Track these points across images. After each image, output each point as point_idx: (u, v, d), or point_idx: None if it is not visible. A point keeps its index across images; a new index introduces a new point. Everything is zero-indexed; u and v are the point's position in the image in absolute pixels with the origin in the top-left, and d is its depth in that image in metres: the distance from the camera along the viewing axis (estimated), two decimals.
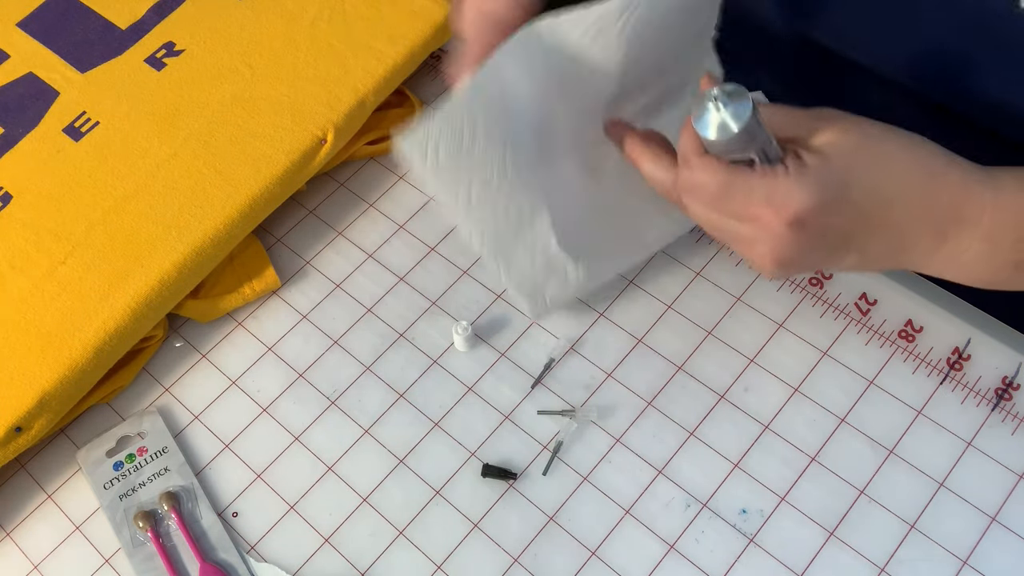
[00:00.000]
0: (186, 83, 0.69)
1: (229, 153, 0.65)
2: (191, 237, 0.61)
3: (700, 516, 0.54)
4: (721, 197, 0.47)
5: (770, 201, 0.46)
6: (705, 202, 0.48)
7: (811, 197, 0.45)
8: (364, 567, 0.54)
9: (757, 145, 0.46)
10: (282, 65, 0.69)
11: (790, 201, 0.45)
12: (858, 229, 0.47)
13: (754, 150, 0.46)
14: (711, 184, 0.47)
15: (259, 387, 0.61)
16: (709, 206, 0.48)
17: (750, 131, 0.45)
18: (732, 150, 0.46)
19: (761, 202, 0.46)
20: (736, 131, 0.45)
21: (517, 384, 0.59)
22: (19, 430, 0.56)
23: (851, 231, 0.47)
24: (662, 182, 0.51)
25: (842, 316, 0.60)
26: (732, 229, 0.48)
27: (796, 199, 0.45)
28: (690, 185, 0.47)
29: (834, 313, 0.60)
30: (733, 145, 0.46)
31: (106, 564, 0.56)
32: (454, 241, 0.66)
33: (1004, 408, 0.56)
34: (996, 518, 0.52)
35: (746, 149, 0.46)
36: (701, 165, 0.47)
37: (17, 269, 0.61)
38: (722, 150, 0.46)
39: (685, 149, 0.48)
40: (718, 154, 0.47)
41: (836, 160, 0.46)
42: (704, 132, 0.45)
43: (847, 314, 0.60)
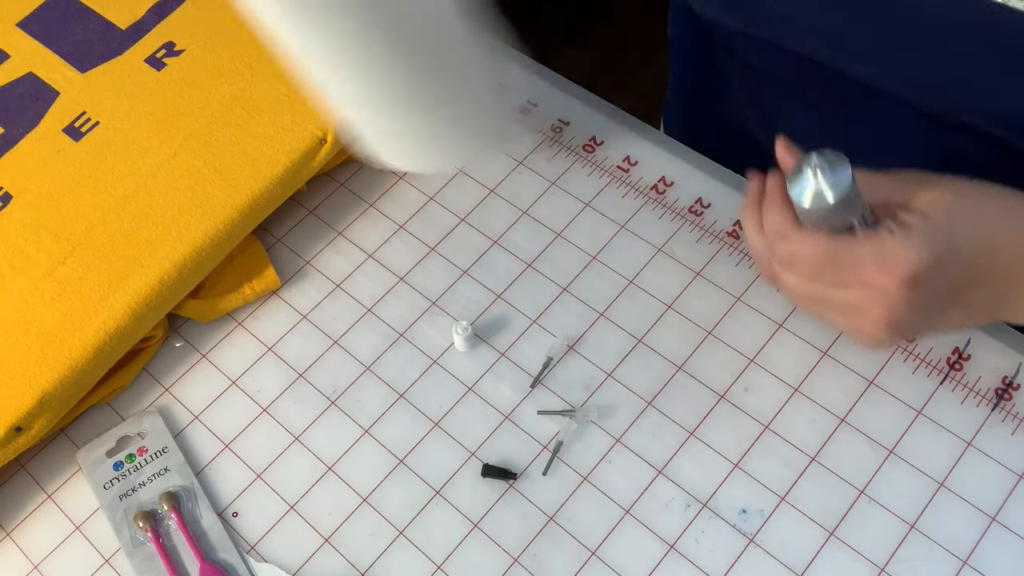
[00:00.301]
0: (186, 83, 0.69)
1: (229, 153, 0.65)
2: (191, 237, 0.61)
3: (700, 516, 0.54)
4: (827, 267, 0.47)
5: (881, 263, 0.46)
6: (808, 274, 0.47)
7: (923, 254, 0.46)
8: (364, 567, 0.54)
9: (857, 212, 0.46)
10: (282, 65, 0.69)
11: (902, 260, 0.45)
12: (966, 283, 0.47)
13: (855, 217, 0.46)
14: (813, 255, 0.46)
15: (259, 387, 0.61)
16: (811, 277, 0.48)
17: (850, 199, 0.45)
18: (832, 219, 0.46)
19: (871, 266, 0.46)
20: (839, 199, 0.45)
21: (517, 384, 0.59)
22: (19, 430, 0.56)
23: (960, 286, 0.47)
24: (758, 251, 0.51)
25: None
26: (839, 299, 0.48)
27: (908, 257, 0.45)
28: (790, 258, 0.47)
29: None
30: (834, 213, 0.46)
31: (106, 564, 0.56)
32: (454, 241, 0.66)
33: (1004, 408, 0.56)
34: (996, 518, 0.52)
35: (846, 217, 0.46)
36: (800, 237, 0.47)
37: (17, 269, 0.61)
38: (821, 219, 0.46)
39: (780, 221, 0.48)
40: (815, 223, 0.47)
41: (937, 217, 0.46)
42: (802, 201, 0.46)
43: None
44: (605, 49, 1.80)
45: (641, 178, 0.67)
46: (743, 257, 0.63)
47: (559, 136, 0.69)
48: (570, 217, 0.66)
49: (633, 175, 0.67)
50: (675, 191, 0.66)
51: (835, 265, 0.47)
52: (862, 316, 0.48)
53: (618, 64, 1.80)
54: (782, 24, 0.57)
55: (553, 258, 0.64)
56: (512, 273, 0.64)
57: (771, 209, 0.49)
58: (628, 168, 0.67)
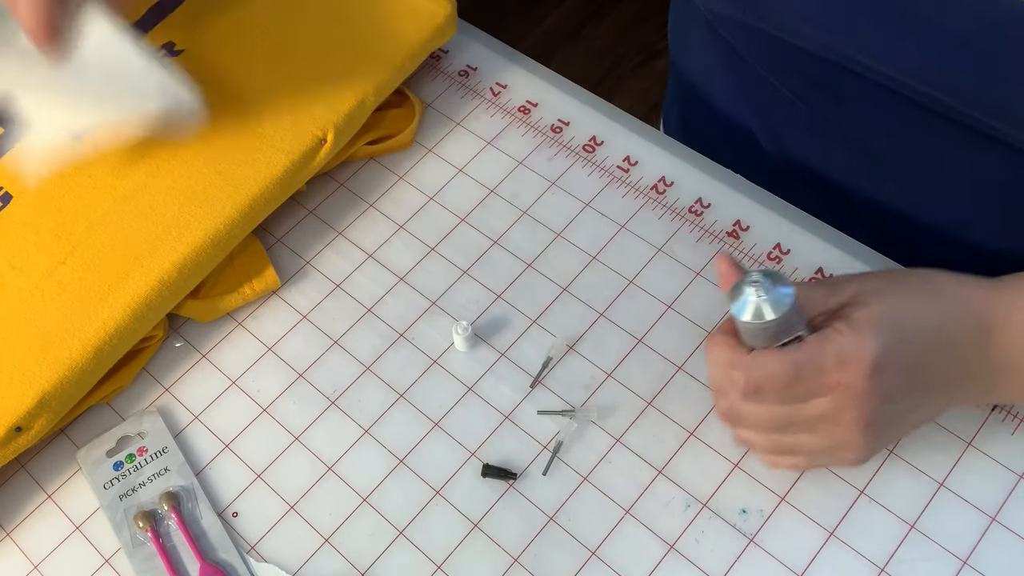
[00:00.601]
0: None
1: (229, 153, 0.65)
2: (191, 237, 0.61)
3: (700, 516, 0.54)
4: (793, 382, 0.47)
5: (843, 362, 0.46)
6: (777, 396, 0.47)
7: (876, 343, 0.46)
8: (364, 567, 0.54)
9: (801, 325, 0.47)
10: (282, 65, 0.69)
11: (862, 353, 0.46)
12: (920, 364, 0.48)
13: (801, 330, 0.47)
14: (781, 372, 0.46)
15: (259, 387, 0.61)
16: (780, 399, 0.47)
17: (793, 314, 0.46)
18: (779, 334, 0.46)
19: (835, 367, 0.46)
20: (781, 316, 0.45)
21: (517, 384, 0.59)
22: (19, 430, 0.56)
23: (920, 368, 0.48)
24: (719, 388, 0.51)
25: None
26: (808, 414, 0.48)
27: (866, 348, 0.46)
28: (756, 386, 0.47)
29: None
30: (779, 329, 0.46)
31: (106, 564, 0.56)
32: (454, 241, 0.66)
33: (1004, 408, 0.56)
34: (996, 518, 0.52)
35: (791, 331, 0.46)
36: (759, 359, 0.47)
37: (17, 269, 0.61)
38: (767, 337, 0.47)
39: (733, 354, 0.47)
40: (761, 342, 0.47)
41: (877, 306, 0.47)
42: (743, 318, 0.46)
43: None
44: (605, 49, 1.80)
45: (641, 178, 0.67)
46: (743, 257, 0.63)
47: (559, 136, 0.69)
48: (570, 217, 0.66)
49: (633, 175, 0.67)
50: (675, 191, 0.66)
51: (801, 376, 0.47)
52: (836, 424, 0.48)
53: (618, 64, 1.80)
54: (785, 13, 0.57)
55: (553, 258, 0.64)
56: (512, 273, 0.64)
57: (720, 344, 0.49)
58: (628, 168, 0.67)
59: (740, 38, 0.67)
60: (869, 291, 0.49)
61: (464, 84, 0.73)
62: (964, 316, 0.49)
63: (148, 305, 0.59)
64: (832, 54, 0.57)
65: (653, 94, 1.75)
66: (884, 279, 0.50)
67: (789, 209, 0.64)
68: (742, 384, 0.47)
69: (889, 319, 0.47)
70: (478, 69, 0.74)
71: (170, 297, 0.61)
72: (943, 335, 0.49)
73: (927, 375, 0.49)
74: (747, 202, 0.65)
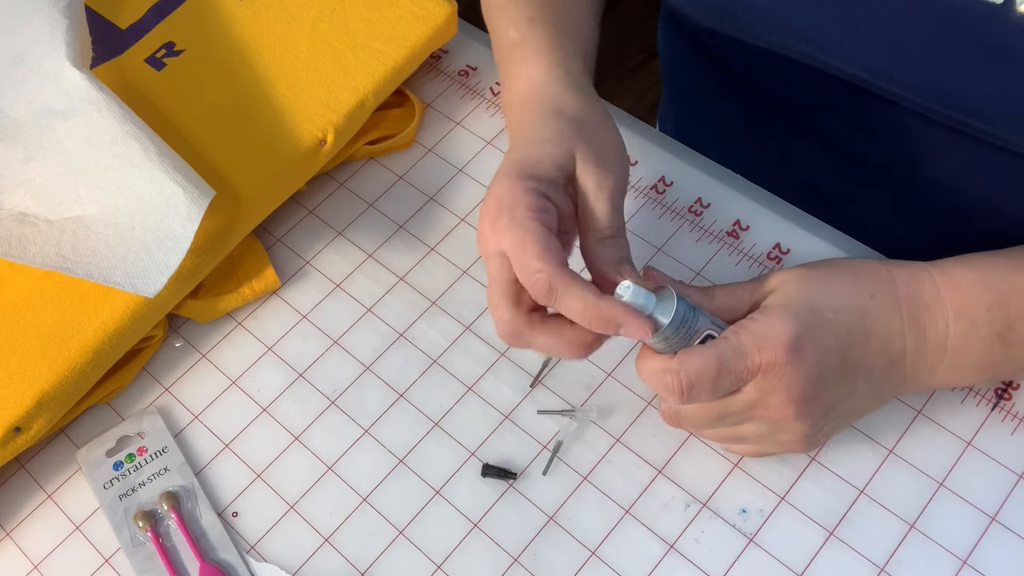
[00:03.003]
0: (186, 83, 0.69)
1: (229, 153, 0.65)
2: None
3: (700, 516, 0.54)
4: (721, 371, 0.47)
5: (761, 345, 0.47)
6: (709, 386, 0.47)
7: (790, 323, 0.47)
8: (364, 567, 0.54)
9: (705, 323, 0.48)
10: (282, 66, 0.69)
11: (777, 333, 0.47)
12: (848, 346, 0.49)
13: (707, 328, 0.48)
14: (705, 364, 0.47)
15: (259, 387, 0.61)
16: (714, 389, 0.48)
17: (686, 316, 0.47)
18: (685, 336, 0.47)
19: (755, 352, 0.47)
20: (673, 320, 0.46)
21: (517, 384, 0.59)
22: (18, 430, 0.56)
23: (843, 349, 0.48)
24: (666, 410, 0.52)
25: None
26: (741, 403, 0.49)
27: (780, 329, 0.47)
28: (688, 381, 0.47)
29: None
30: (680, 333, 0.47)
31: (106, 564, 0.56)
32: (454, 241, 0.66)
33: (1004, 408, 0.56)
34: (996, 518, 0.52)
35: (694, 331, 0.47)
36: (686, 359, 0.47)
37: (17, 269, 0.61)
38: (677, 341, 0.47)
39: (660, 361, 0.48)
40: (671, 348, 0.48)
41: (791, 293, 0.49)
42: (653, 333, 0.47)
43: None
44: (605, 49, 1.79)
45: (641, 178, 0.67)
46: (742, 257, 0.63)
47: None
48: None
49: (632, 175, 0.67)
50: (675, 191, 0.66)
51: (726, 368, 0.47)
52: (766, 408, 0.49)
53: (618, 64, 1.80)
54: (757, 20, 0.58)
55: None
56: None
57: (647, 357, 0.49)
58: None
59: (720, 47, 0.67)
60: (788, 280, 0.50)
61: (464, 84, 0.73)
62: (889, 296, 0.50)
63: (148, 305, 0.59)
64: (807, 58, 0.58)
65: (653, 94, 1.75)
66: (807, 268, 0.51)
67: (789, 209, 0.64)
68: (676, 386, 0.47)
69: (805, 301, 0.48)
70: (478, 69, 0.74)
71: (170, 297, 0.61)
72: (868, 314, 0.49)
73: (856, 356, 0.49)
74: (747, 202, 0.65)
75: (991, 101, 0.51)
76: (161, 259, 0.56)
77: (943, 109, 0.54)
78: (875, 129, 0.62)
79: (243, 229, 0.63)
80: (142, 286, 0.56)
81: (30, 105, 0.62)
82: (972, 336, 0.50)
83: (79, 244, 0.58)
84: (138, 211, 0.58)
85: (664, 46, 0.81)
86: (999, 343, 0.50)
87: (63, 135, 0.61)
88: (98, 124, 0.60)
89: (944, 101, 0.53)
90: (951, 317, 0.49)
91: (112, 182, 0.59)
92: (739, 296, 0.51)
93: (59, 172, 0.60)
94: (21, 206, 0.60)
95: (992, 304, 0.49)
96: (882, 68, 0.54)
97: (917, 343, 0.50)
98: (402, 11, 0.70)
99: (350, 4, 0.71)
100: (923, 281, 0.50)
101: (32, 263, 0.58)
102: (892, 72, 0.54)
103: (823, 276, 0.50)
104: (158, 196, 0.58)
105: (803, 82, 0.62)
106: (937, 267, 0.51)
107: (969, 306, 0.49)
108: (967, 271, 0.50)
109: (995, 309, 0.49)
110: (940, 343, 0.50)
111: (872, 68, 0.54)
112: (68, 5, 0.66)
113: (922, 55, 0.51)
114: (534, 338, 0.48)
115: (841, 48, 0.55)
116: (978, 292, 0.50)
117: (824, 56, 0.56)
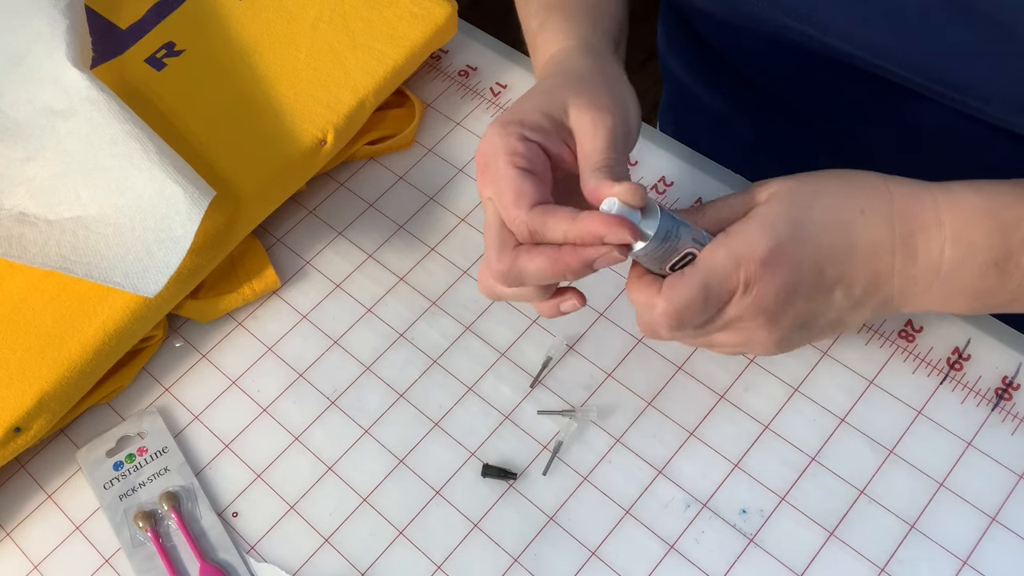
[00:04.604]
0: (186, 83, 0.69)
1: (229, 153, 0.65)
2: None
3: (700, 516, 0.54)
4: (707, 296, 0.47)
5: (739, 259, 0.47)
6: (697, 315, 0.47)
7: (767, 236, 0.47)
8: (364, 567, 0.54)
9: (688, 237, 0.47)
10: (282, 66, 0.69)
11: (754, 245, 0.47)
12: (828, 260, 0.48)
13: (688, 244, 0.47)
14: (691, 294, 0.47)
15: (259, 387, 0.61)
16: (701, 316, 0.48)
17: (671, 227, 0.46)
18: (667, 252, 0.47)
19: (735, 268, 0.47)
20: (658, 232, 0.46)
21: (517, 384, 0.59)
22: (18, 430, 0.56)
23: (822, 263, 0.48)
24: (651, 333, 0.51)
25: None
26: (723, 317, 0.48)
27: (756, 240, 0.47)
28: (677, 315, 0.47)
29: None
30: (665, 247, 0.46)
31: (106, 564, 0.56)
32: (454, 241, 0.66)
33: (1004, 408, 0.56)
34: (996, 518, 0.52)
35: (677, 245, 0.47)
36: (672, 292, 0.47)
37: (17, 269, 0.61)
38: (660, 260, 0.47)
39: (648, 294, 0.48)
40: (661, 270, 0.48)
41: (777, 204, 0.48)
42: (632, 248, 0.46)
43: None
44: None
45: (641, 178, 0.67)
46: None
47: None
48: None
49: (633, 175, 0.67)
50: (675, 191, 0.66)
51: (711, 292, 0.47)
52: (741, 320, 0.48)
53: None
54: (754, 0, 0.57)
55: None
56: None
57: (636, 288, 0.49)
58: (628, 168, 0.67)
59: (719, 36, 0.67)
60: (778, 192, 0.49)
61: (464, 84, 0.73)
62: (883, 210, 0.48)
63: (148, 305, 0.59)
64: (803, 39, 0.57)
65: (653, 94, 1.74)
66: (799, 179, 0.50)
67: None
68: (665, 321, 0.47)
69: (786, 217, 0.47)
70: (478, 69, 0.74)
71: (170, 297, 0.61)
72: (854, 230, 0.48)
73: (835, 271, 0.48)
74: None
75: (986, 78, 0.51)
76: (161, 259, 0.56)
77: (939, 87, 0.54)
78: (878, 123, 0.62)
79: (243, 229, 0.63)
80: (142, 286, 0.56)
81: (30, 105, 0.62)
82: (968, 261, 0.48)
83: (79, 244, 0.58)
84: (138, 211, 0.58)
85: (664, 46, 0.81)
86: (994, 270, 0.48)
87: (63, 135, 0.60)
88: (98, 124, 0.60)
89: (940, 79, 0.53)
90: (948, 239, 0.48)
91: (112, 182, 0.59)
92: (733, 207, 0.50)
93: (59, 172, 0.60)
94: (21, 206, 0.60)
95: (992, 230, 0.48)
96: (878, 45, 0.53)
97: (906, 262, 0.48)
98: (402, 11, 0.70)
99: (350, 4, 0.71)
100: (924, 200, 0.49)
101: (32, 263, 0.57)
102: (888, 49, 0.53)
103: (813, 188, 0.49)
104: (158, 196, 0.58)
105: (802, 73, 0.62)
106: (942, 188, 0.49)
107: (969, 230, 0.48)
108: (973, 195, 0.49)
109: (995, 235, 0.48)
110: (933, 265, 0.48)
111: (868, 45, 0.54)
112: (68, 5, 0.66)
113: (917, 31, 0.51)
114: (523, 265, 0.48)
115: (836, 26, 0.54)
116: (980, 217, 0.48)
117: (820, 35, 0.55)
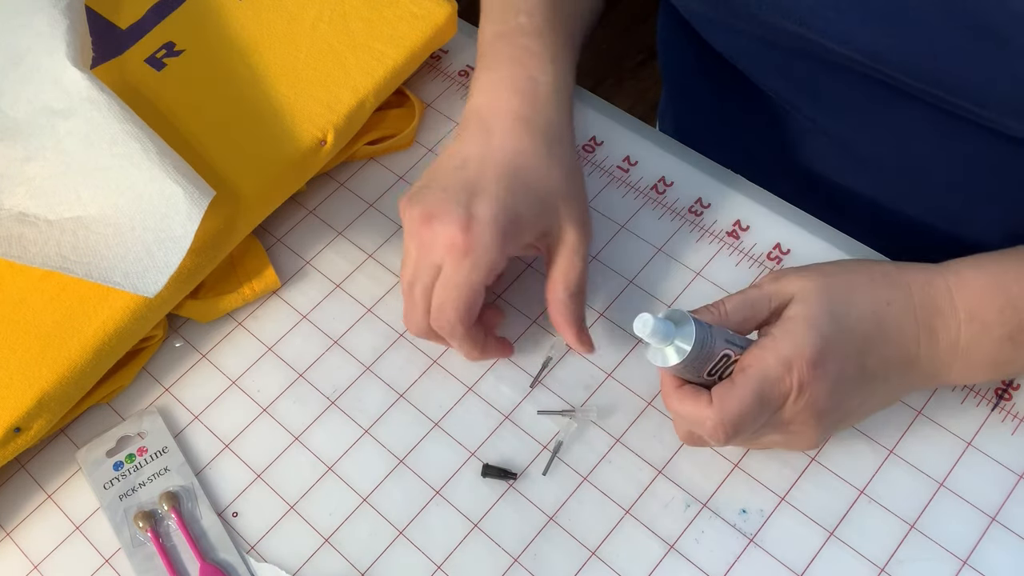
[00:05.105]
0: (186, 83, 0.69)
1: (229, 153, 0.65)
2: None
3: (700, 516, 0.54)
4: (762, 407, 0.48)
5: (790, 362, 0.47)
6: (751, 424, 0.48)
7: (814, 336, 0.48)
8: (364, 567, 0.54)
9: (721, 341, 0.48)
10: (282, 66, 0.69)
11: (802, 347, 0.47)
12: (868, 350, 0.49)
13: (723, 347, 0.48)
14: (745, 406, 0.47)
15: (259, 387, 0.61)
16: (755, 424, 0.49)
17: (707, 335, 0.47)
18: (703, 362, 0.47)
19: (786, 373, 0.47)
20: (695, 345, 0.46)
21: (517, 384, 0.59)
22: (18, 430, 0.56)
23: (863, 354, 0.49)
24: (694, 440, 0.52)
25: None
26: (782, 419, 0.49)
27: (804, 341, 0.48)
28: (734, 426, 0.48)
29: None
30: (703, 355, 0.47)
31: (106, 564, 0.56)
32: None
33: (1004, 408, 0.56)
34: (996, 518, 0.52)
35: (713, 352, 0.47)
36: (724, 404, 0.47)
37: (17, 269, 0.61)
38: (698, 368, 0.48)
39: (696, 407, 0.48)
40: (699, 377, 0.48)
41: (816, 302, 0.49)
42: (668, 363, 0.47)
43: None
44: (605, 49, 1.79)
45: (641, 178, 0.67)
46: (743, 257, 0.63)
47: None
48: None
49: (633, 175, 0.67)
50: (675, 191, 0.66)
51: (765, 400, 0.48)
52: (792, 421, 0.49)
53: (618, 64, 1.80)
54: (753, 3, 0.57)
55: None
56: (512, 272, 0.64)
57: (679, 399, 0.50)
58: (628, 168, 0.67)
59: (717, 37, 0.67)
60: (810, 289, 0.50)
61: (464, 84, 0.73)
62: (905, 301, 0.50)
63: (148, 305, 0.59)
64: (802, 42, 0.57)
65: (653, 94, 1.75)
66: (826, 275, 0.51)
67: (789, 209, 0.64)
68: (722, 433, 0.48)
69: (826, 313, 0.49)
70: None
71: (170, 297, 0.61)
72: (885, 321, 0.50)
73: (872, 362, 0.49)
74: (747, 202, 0.65)
75: (982, 81, 0.52)
76: (161, 259, 0.56)
77: (936, 90, 0.54)
78: (877, 125, 0.62)
79: (243, 229, 0.63)
80: (142, 286, 0.56)
81: (30, 105, 0.62)
82: (984, 337, 0.50)
83: (79, 244, 0.58)
84: (138, 211, 0.58)
85: (664, 46, 0.81)
86: (1009, 343, 0.50)
87: (63, 135, 0.60)
88: (98, 124, 0.60)
89: (937, 82, 0.53)
90: (963, 320, 0.50)
91: (112, 182, 0.59)
92: (756, 307, 0.51)
93: (59, 172, 0.60)
94: (21, 206, 0.60)
95: (1004, 306, 0.50)
96: (876, 48, 0.54)
97: (930, 347, 0.50)
98: (402, 11, 0.70)
99: (350, 4, 0.71)
100: (936, 286, 0.51)
101: (32, 263, 0.57)
102: (885, 52, 0.54)
103: (844, 284, 0.50)
104: (158, 196, 0.58)
105: (800, 75, 0.62)
106: (951, 271, 0.51)
107: (981, 309, 0.50)
108: (979, 275, 0.51)
109: (1007, 311, 0.50)
110: (952, 346, 0.50)
111: (866, 48, 0.54)
112: (68, 5, 0.66)
113: (915, 34, 0.51)
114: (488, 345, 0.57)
115: (835, 28, 0.54)
116: (990, 295, 0.50)
117: (819, 38, 0.55)
